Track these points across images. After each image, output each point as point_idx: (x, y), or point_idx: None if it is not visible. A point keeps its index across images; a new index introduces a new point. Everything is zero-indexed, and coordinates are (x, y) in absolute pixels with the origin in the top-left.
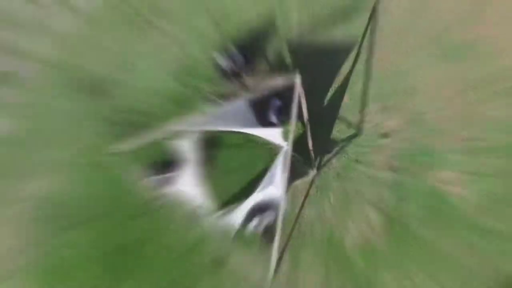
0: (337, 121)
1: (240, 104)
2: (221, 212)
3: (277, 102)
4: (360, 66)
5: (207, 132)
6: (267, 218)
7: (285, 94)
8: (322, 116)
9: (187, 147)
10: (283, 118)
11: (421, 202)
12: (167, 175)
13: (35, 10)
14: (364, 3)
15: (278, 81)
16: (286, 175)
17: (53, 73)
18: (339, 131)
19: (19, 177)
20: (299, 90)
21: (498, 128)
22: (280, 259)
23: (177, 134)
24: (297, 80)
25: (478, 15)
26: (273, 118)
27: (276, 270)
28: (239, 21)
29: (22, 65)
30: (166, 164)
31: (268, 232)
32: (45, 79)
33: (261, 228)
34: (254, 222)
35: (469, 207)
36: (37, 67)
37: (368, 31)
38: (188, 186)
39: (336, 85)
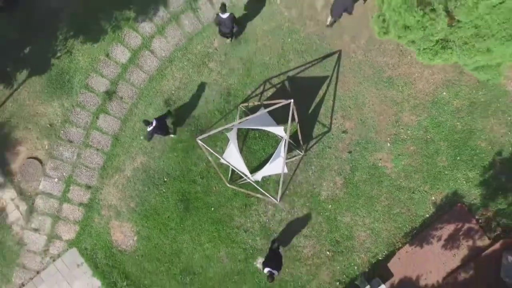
0: (316, 123)
1: (260, 114)
2: (250, 174)
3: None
4: (330, 90)
5: (241, 129)
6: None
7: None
8: (308, 120)
9: (232, 137)
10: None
11: (365, 171)
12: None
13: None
14: (333, 51)
15: (282, 102)
16: (285, 154)
17: (142, 95)
18: (317, 129)
19: (130, 156)
20: (292, 106)
21: (411, 128)
22: (281, 196)
23: (225, 131)
24: (291, 101)
25: (401, 61)
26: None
27: (281, 198)
28: (260, 64)
29: (122, 85)
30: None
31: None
32: (139, 96)
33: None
34: None
35: (393, 174)
36: (133, 90)
37: (336, 69)
38: (233, 157)
39: (316, 102)
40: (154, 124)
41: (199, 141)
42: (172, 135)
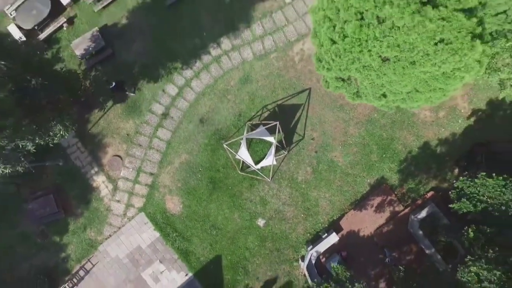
0: (295, 133)
1: (260, 130)
2: (254, 164)
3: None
4: (304, 112)
5: (248, 138)
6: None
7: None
8: (289, 131)
9: (243, 142)
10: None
11: (326, 163)
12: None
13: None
14: (306, 88)
15: (272, 123)
16: (273, 152)
17: (185, 115)
18: (296, 137)
19: (178, 154)
20: (278, 126)
21: (354, 136)
22: (272, 178)
23: (240, 139)
24: (277, 122)
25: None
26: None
27: (272, 178)
28: (259, 96)
29: (172, 109)
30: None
31: None
32: (183, 117)
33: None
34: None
35: (343, 165)
36: (179, 113)
37: (307, 99)
38: (244, 155)
39: (295, 120)
40: (113, 84)
41: (225, 145)
42: (131, 94)
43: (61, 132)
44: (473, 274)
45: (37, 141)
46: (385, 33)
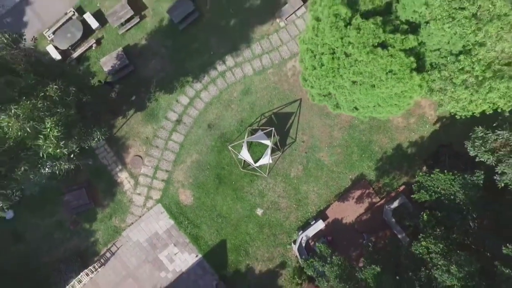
0: (288, 137)
1: (259, 133)
2: (254, 163)
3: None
4: (296, 119)
5: (249, 141)
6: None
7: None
8: (283, 135)
9: (244, 145)
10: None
11: (314, 162)
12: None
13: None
14: (297, 98)
15: (268, 128)
16: (269, 152)
17: (195, 122)
18: (289, 140)
19: (189, 154)
20: (273, 131)
21: (338, 139)
22: (268, 174)
23: (242, 141)
24: (273, 128)
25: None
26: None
27: (268, 174)
28: (258, 105)
29: (184, 116)
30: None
31: None
32: (194, 123)
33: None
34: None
35: (329, 164)
36: (191, 119)
37: (298, 108)
38: (245, 155)
39: (288, 125)
40: (103, 83)
41: (229, 147)
42: (115, 90)
43: (98, 137)
44: (423, 247)
45: (80, 144)
46: (351, 64)
